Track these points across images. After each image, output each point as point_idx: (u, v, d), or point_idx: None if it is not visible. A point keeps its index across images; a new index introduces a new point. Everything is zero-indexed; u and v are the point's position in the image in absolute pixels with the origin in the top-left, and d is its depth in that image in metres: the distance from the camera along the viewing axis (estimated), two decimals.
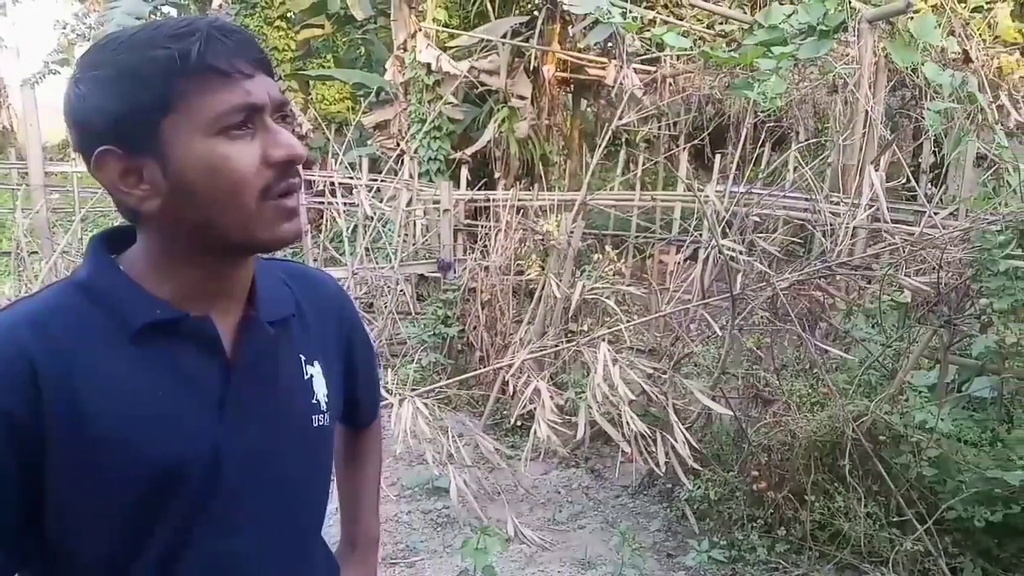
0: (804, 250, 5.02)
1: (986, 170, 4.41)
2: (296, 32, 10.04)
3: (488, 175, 8.26)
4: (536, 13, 8.88)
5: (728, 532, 3.32)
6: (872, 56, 5.08)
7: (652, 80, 7.87)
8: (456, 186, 7.00)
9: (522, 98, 8.44)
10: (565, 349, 4.23)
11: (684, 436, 3.39)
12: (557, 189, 7.71)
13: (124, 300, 0.81)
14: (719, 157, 6.57)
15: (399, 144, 8.24)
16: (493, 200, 6.33)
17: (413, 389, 3.88)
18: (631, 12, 5.80)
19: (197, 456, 0.81)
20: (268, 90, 0.80)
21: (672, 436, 3.42)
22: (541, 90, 8.78)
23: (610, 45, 8.36)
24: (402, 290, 5.78)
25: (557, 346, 4.36)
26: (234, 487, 0.84)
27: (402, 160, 7.90)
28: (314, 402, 0.93)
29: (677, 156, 7.48)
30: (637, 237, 6.74)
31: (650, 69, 7.91)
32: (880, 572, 3.01)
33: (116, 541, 0.80)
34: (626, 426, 3.41)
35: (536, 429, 3.56)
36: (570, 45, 8.86)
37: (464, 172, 7.50)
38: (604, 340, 3.73)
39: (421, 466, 4.03)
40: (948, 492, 2.97)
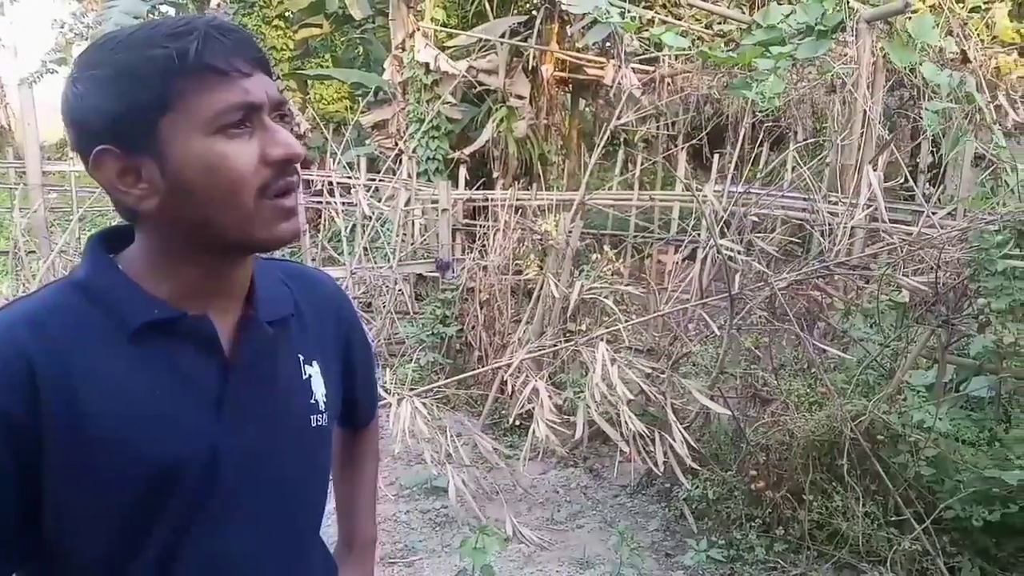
0: (802, 250, 5.03)
1: (984, 170, 4.43)
2: (294, 31, 10.03)
3: (486, 175, 8.25)
4: (534, 13, 8.88)
5: (726, 531, 3.32)
6: (870, 56, 5.09)
7: (650, 80, 7.87)
8: (454, 186, 7.00)
9: (520, 98, 8.45)
10: (563, 349, 4.23)
11: (682, 436, 3.39)
12: (555, 189, 7.72)
13: (122, 299, 0.81)
14: (717, 157, 6.58)
15: (397, 144, 8.23)
16: (491, 200, 6.34)
17: (411, 389, 3.88)
18: (629, 12, 5.79)
19: (195, 456, 0.81)
20: (266, 89, 0.80)
21: (670, 436, 3.42)
22: (539, 90, 8.78)
23: (608, 45, 8.37)
24: (400, 290, 5.78)
25: (555, 346, 4.36)
26: (232, 487, 0.84)
27: (400, 160, 7.90)
28: (312, 402, 0.93)
29: (675, 156, 7.49)
30: (635, 237, 6.75)
31: (648, 69, 7.91)
32: (878, 571, 3.01)
33: (114, 541, 0.80)
34: (624, 426, 3.41)
35: (534, 429, 3.56)
36: (568, 45, 8.86)
37: (462, 172, 7.50)
38: (602, 340, 3.73)
39: (419, 465, 4.02)
40: (946, 491, 2.97)
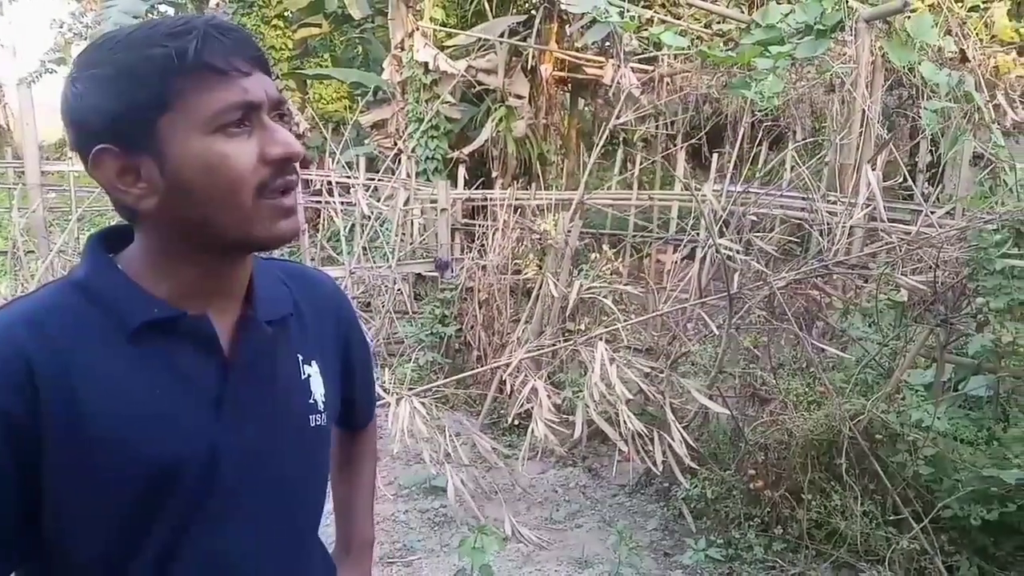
0: (801, 249, 5.02)
1: (983, 169, 4.43)
2: (293, 31, 10.02)
3: (485, 174, 8.24)
4: (534, 12, 8.87)
5: (725, 531, 3.32)
6: (869, 55, 5.09)
7: (649, 79, 7.87)
8: (453, 185, 6.99)
9: (519, 97, 8.44)
10: (562, 348, 4.23)
11: (681, 435, 3.39)
12: (554, 188, 7.70)
13: (121, 299, 0.81)
14: (716, 156, 6.57)
15: (396, 143, 8.22)
16: (490, 199, 6.33)
17: (410, 388, 3.89)
18: (628, 11, 5.80)
19: (194, 455, 0.81)
20: (265, 88, 0.80)
21: (669, 435, 3.42)
22: (538, 89, 8.78)
23: (608, 44, 8.36)
24: (399, 289, 5.77)
25: (554, 345, 4.36)
26: (231, 486, 0.84)
27: (399, 159, 7.89)
28: (311, 402, 0.93)
29: (674, 155, 7.48)
30: (634, 236, 6.74)
31: (647, 68, 7.90)
32: (876, 570, 3.01)
33: (113, 540, 0.80)
34: (623, 425, 3.41)
35: (533, 428, 3.56)
36: (567, 44, 8.85)
37: (461, 171, 7.49)
38: (601, 339, 3.73)
39: (418, 465, 4.02)
40: (944, 491, 2.98)
